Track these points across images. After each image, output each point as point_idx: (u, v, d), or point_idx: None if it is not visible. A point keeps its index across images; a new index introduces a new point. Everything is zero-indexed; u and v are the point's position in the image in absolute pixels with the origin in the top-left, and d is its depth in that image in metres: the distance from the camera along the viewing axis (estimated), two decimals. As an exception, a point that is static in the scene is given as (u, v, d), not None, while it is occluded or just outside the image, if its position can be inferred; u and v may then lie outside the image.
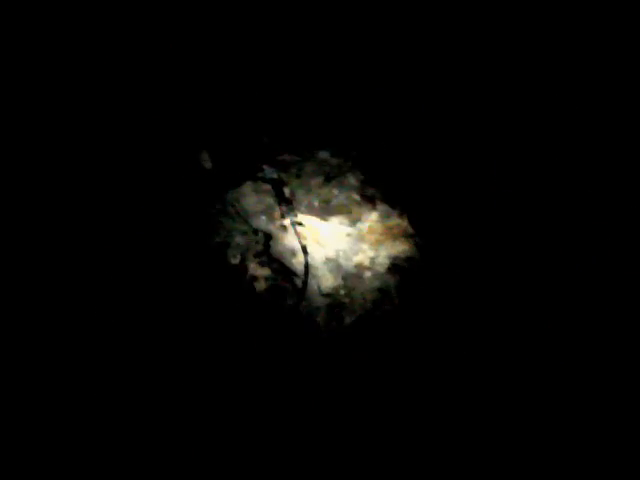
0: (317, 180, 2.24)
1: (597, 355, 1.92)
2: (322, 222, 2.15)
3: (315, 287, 2.03)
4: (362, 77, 2.36)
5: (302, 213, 2.15)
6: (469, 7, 2.25)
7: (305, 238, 2.11)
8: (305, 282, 2.03)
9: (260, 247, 2.08)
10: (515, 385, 1.87)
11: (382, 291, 2.03)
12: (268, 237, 2.10)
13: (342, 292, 2.03)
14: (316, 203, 2.19)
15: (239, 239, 2.09)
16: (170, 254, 2.03)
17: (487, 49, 2.25)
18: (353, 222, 2.17)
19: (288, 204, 2.15)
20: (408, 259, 2.11)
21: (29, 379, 1.77)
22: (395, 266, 2.09)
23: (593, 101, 2.21)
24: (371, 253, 2.12)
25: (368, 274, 2.07)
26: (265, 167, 2.22)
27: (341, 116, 2.38)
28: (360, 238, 2.14)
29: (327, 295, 2.02)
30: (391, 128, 2.33)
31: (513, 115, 2.25)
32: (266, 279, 2.02)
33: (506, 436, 1.79)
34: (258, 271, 2.04)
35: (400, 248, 2.13)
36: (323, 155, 2.30)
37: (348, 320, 1.97)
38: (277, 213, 2.15)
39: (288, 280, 2.03)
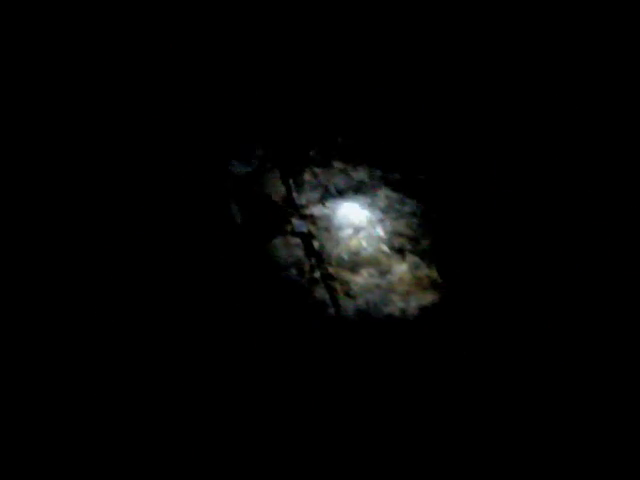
0: (346, 232, 2.27)
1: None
2: (352, 274, 2.17)
3: (345, 337, 2.02)
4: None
5: (332, 266, 2.17)
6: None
7: (335, 290, 2.12)
8: (335, 334, 2.03)
9: (291, 300, 2.10)
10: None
11: (413, 342, 2.02)
12: (298, 290, 2.12)
13: (373, 343, 2.02)
14: (345, 255, 2.21)
15: (270, 293, 2.11)
16: (200, 308, 2.05)
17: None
18: (383, 274, 2.18)
19: (318, 257, 2.18)
20: (438, 310, 2.10)
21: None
22: (425, 317, 2.08)
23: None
24: (401, 304, 2.11)
25: (399, 325, 2.06)
26: (294, 220, 2.26)
27: (362, 162, 2.42)
28: (390, 289, 2.14)
29: (357, 345, 2.01)
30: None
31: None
32: (297, 331, 2.03)
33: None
34: (289, 324, 2.05)
35: (430, 299, 2.13)
36: (351, 207, 2.34)
37: (379, 371, 1.96)
38: (307, 266, 2.17)
39: (319, 332, 2.04)
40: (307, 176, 2.39)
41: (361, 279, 2.16)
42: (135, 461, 1.69)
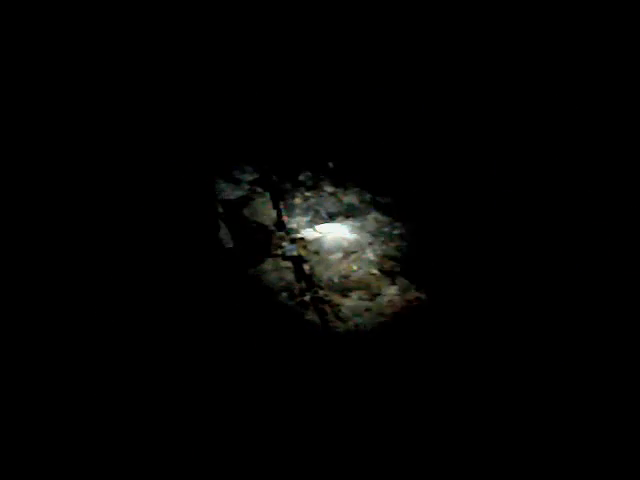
0: (336, 256, 2.29)
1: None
2: (342, 297, 2.18)
3: (335, 360, 2.03)
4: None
5: (322, 289, 2.19)
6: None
7: (326, 313, 2.13)
8: (326, 356, 2.03)
9: (281, 324, 2.10)
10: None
11: (402, 363, 2.03)
12: (289, 313, 2.13)
13: (362, 364, 2.02)
14: (336, 279, 2.23)
15: (260, 316, 2.12)
16: (190, 331, 2.06)
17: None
18: (373, 296, 2.19)
19: (308, 280, 2.19)
20: (428, 332, 2.11)
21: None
22: (415, 339, 2.09)
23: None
24: (391, 327, 2.13)
25: (388, 347, 2.07)
26: (285, 244, 2.28)
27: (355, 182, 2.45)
28: (380, 312, 2.16)
29: (347, 367, 2.01)
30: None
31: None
32: (287, 354, 2.03)
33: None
34: (279, 347, 2.05)
35: (420, 321, 2.14)
36: (341, 230, 2.36)
37: (367, 391, 1.96)
38: (297, 289, 2.19)
39: (309, 355, 2.04)
40: (298, 200, 2.42)
41: (351, 302, 2.18)
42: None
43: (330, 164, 2.48)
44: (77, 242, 2.15)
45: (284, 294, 2.17)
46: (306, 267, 2.24)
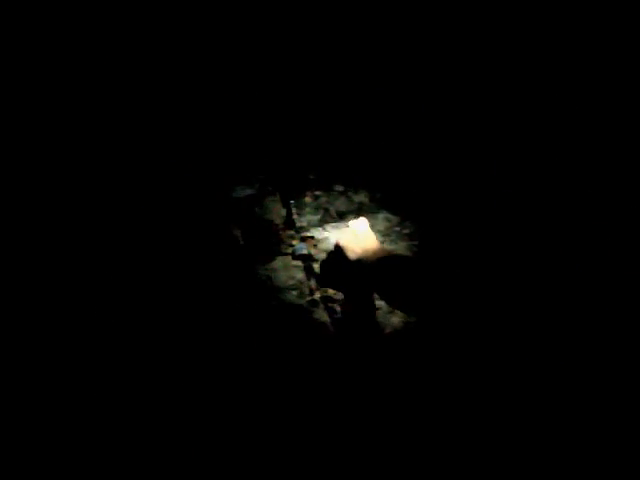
0: (346, 254, 2.29)
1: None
2: (351, 296, 2.18)
3: (345, 359, 2.04)
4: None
5: (332, 288, 2.19)
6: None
7: (335, 312, 2.14)
8: (335, 355, 2.04)
9: (291, 322, 2.12)
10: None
11: (413, 362, 2.03)
12: (298, 312, 2.14)
13: (372, 363, 2.03)
14: (345, 277, 2.23)
15: (270, 315, 2.13)
16: (200, 329, 2.08)
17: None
18: (382, 295, 2.19)
19: (318, 279, 2.20)
20: (438, 330, 2.11)
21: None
22: (425, 337, 2.09)
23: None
24: (401, 325, 2.13)
25: (399, 346, 2.07)
26: (295, 243, 2.29)
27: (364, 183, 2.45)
28: (390, 311, 2.16)
29: (357, 366, 2.02)
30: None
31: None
32: (296, 352, 2.04)
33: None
34: (289, 345, 2.06)
35: (427, 320, 2.14)
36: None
37: (379, 390, 1.96)
38: (307, 288, 2.20)
39: (318, 353, 2.05)
40: (308, 199, 2.43)
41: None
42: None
43: (340, 162, 2.48)
44: (96, 236, 2.18)
45: (294, 292, 2.19)
46: (316, 266, 2.24)
